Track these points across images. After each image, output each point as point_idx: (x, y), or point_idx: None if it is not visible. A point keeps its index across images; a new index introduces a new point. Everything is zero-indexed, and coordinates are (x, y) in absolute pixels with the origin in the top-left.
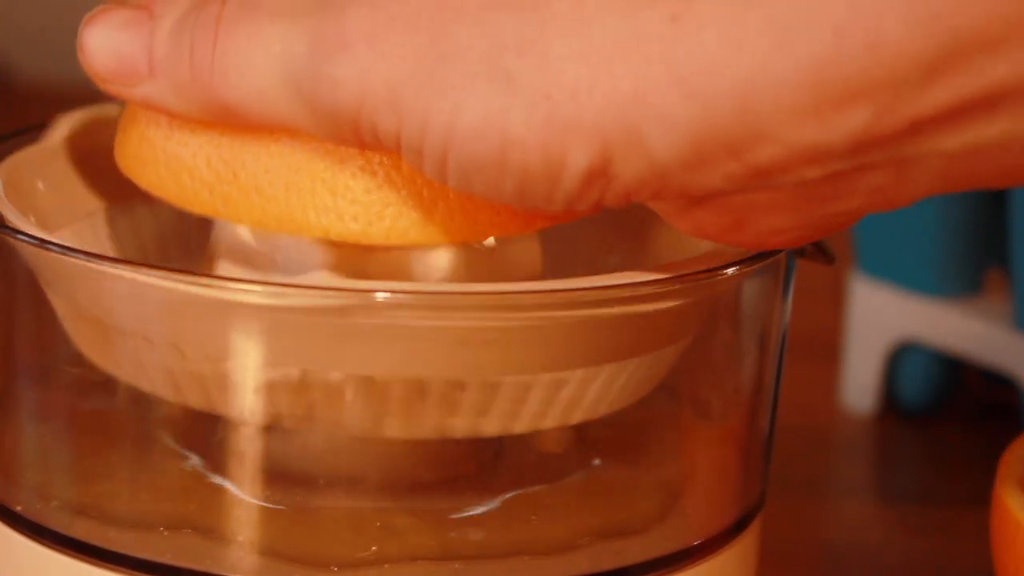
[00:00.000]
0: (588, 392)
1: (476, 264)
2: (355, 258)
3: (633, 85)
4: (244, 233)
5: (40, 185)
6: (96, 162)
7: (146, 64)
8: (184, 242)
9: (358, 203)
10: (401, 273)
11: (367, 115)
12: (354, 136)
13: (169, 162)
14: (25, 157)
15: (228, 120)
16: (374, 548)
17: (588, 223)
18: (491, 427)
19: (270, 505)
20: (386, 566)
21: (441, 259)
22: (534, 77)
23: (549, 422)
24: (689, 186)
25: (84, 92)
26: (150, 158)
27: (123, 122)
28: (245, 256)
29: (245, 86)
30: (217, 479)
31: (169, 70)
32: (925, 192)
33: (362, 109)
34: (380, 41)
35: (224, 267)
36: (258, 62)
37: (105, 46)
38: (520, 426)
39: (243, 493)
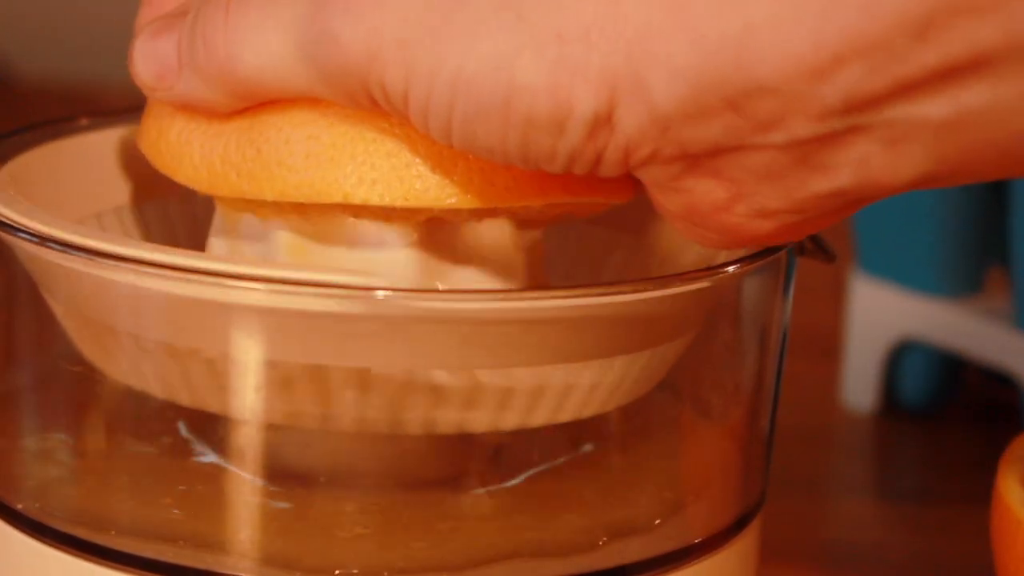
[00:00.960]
0: (585, 388)
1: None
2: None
3: (640, 25)
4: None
5: (44, 186)
6: (103, 162)
7: (177, 61)
8: (196, 241)
9: (377, 167)
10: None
11: (376, 73)
12: (366, 97)
13: (204, 153)
14: (29, 159)
15: (253, 100)
16: (375, 547)
17: (591, 222)
18: (480, 423)
19: (271, 504)
20: (386, 566)
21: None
22: (545, 16)
23: (538, 419)
24: (686, 141)
25: (84, 92)
26: (187, 153)
27: (155, 123)
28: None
29: (258, 60)
30: (218, 478)
31: (189, 58)
32: (916, 176)
33: (371, 66)
34: None
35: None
36: (268, 34)
37: (145, 54)
38: (510, 422)
39: (244, 492)
